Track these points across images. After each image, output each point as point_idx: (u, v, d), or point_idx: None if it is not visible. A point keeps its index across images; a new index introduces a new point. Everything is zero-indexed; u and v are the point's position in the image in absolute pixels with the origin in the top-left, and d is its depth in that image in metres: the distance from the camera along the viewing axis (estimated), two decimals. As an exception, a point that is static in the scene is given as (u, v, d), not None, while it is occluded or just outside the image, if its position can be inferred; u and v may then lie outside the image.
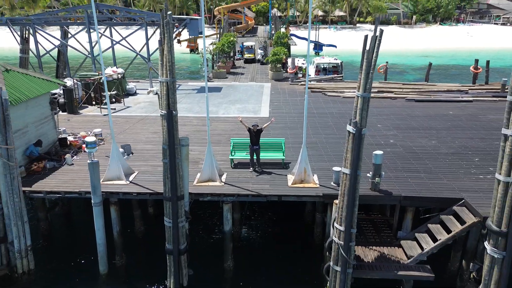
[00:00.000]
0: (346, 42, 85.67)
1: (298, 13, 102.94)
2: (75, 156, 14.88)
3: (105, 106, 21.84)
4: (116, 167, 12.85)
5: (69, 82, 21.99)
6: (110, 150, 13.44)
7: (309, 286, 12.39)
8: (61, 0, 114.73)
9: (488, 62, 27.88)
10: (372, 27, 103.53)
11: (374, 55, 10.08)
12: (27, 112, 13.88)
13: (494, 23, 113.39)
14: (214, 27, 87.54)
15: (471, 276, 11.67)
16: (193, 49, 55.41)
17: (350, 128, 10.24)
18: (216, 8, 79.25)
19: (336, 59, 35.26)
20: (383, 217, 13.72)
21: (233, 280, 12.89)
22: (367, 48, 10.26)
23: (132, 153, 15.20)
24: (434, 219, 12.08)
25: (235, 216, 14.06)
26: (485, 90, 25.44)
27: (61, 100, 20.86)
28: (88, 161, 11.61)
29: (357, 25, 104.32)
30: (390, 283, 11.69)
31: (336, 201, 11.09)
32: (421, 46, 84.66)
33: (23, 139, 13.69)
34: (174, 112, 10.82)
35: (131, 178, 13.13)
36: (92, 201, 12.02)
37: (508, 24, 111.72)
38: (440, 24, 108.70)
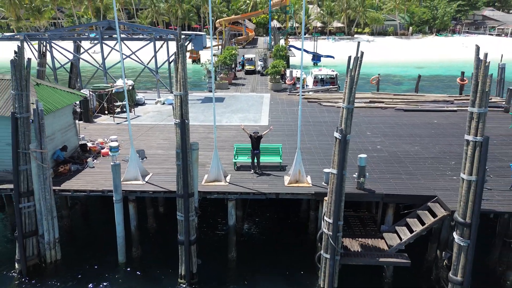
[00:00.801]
0: (344, 53, 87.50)
1: (297, 24, 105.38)
2: (95, 160, 16.69)
3: (118, 116, 23.75)
4: (134, 169, 14.65)
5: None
6: (125, 155, 15.23)
7: (304, 274, 14.09)
8: (66, 12, 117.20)
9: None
10: (370, 37, 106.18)
11: (356, 73, 11.89)
12: (55, 121, 15.69)
13: (489, 34, 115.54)
14: (216, 38, 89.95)
15: (444, 263, 13.40)
16: (195, 59, 57.41)
17: (336, 134, 12.06)
18: (218, 20, 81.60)
19: (333, 71, 37.17)
20: (369, 213, 15.51)
21: (236, 269, 14.62)
22: (350, 67, 12.08)
23: (146, 157, 16.99)
24: (412, 214, 13.85)
25: (238, 214, 15.77)
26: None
27: (78, 109, 22.69)
28: (111, 163, 13.41)
29: (355, 36, 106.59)
30: (374, 269, 13.44)
31: (326, 198, 12.86)
32: (417, 57, 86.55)
33: (51, 145, 15.48)
34: (186, 121, 12.65)
35: (146, 179, 14.92)
36: (113, 198, 13.80)
37: (503, 35, 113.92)
38: (436, 35, 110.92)
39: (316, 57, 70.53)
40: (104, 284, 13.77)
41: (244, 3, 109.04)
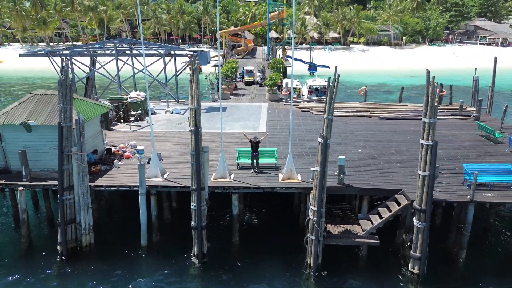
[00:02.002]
0: (339, 62, 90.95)
1: (295, 35, 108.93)
2: (119, 162, 19.78)
3: (133, 124, 26.86)
4: (154, 168, 17.75)
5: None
6: (145, 157, 18.39)
7: (295, 254, 17.07)
8: (70, 22, 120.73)
9: (451, 86, 33.12)
10: (365, 47, 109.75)
11: (334, 91, 15.01)
12: (87, 129, 18.72)
13: (480, 44, 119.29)
14: (216, 48, 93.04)
15: (408, 244, 16.46)
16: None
17: (319, 139, 15.18)
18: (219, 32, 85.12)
19: (327, 81, 40.31)
20: (350, 205, 18.61)
21: (239, 250, 17.66)
22: (330, 85, 15.23)
23: (162, 159, 20.06)
24: (382, 204, 16.95)
25: (240, 206, 18.76)
26: (447, 110, 30.51)
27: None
28: (138, 163, 16.51)
29: (351, 45, 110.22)
30: (351, 249, 16.52)
31: (312, 191, 15.95)
32: (409, 66, 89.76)
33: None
34: (199, 128, 15.76)
35: (165, 177, 18.01)
36: (139, 192, 16.87)
37: (494, 44, 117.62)
38: (429, 44, 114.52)
39: (312, 67, 73.73)
40: (130, 263, 16.79)
41: (243, 14, 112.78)
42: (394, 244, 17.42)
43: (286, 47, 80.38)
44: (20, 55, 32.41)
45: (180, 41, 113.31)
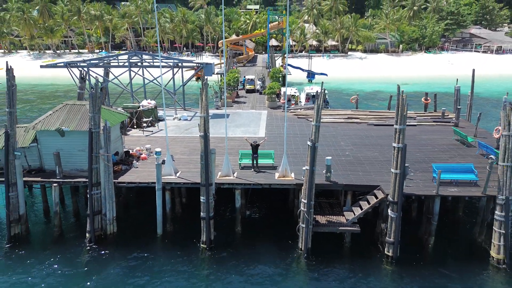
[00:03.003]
0: (337, 70, 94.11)
1: (294, 43, 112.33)
2: (137, 162, 22.74)
3: (145, 130, 29.83)
4: (169, 167, 20.70)
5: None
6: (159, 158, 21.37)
7: (289, 241, 19.92)
8: (76, 31, 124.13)
9: (435, 95, 36.14)
10: (363, 54, 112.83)
11: (320, 102, 17.95)
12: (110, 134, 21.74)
13: (476, 51, 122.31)
14: (218, 56, 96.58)
15: (385, 232, 19.33)
16: (199, 77, 63.74)
17: (309, 142, 18.13)
18: (220, 41, 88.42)
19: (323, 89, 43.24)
20: (336, 200, 21.52)
21: (241, 238, 20.55)
22: (318, 96, 18.19)
23: (174, 160, 22.99)
24: (363, 198, 19.87)
25: (242, 200, 21.67)
26: (430, 117, 33.46)
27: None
28: (155, 163, 19.47)
29: (349, 53, 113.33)
30: (337, 236, 19.43)
31: (303, 187, 18.86)
32: (405, 73, 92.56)
33: (108, 151, 21.54)
34: (208, 133, 18.72)
35: (177, 175, 20.96)
36: (156, 188, 19.81)
37: (489, 52, 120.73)
38: (425, 52, 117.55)
39: (311, 75, 76.73)
40: (148, 248, 19.68)
41: (244, 23, 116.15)
42: (374, 232, 20.33)
43: (285, 55, 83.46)
44: (41, 66, 35.44)
45: (185, 49, 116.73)
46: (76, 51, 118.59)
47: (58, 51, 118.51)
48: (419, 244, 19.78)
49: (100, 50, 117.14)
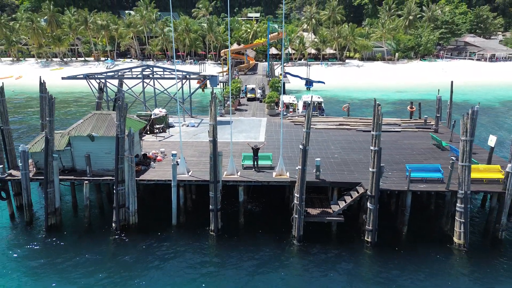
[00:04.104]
0: (335, 77, 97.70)
1: (293, 51, 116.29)
2: (154, 163, 26.33)
3: (158, 135, 33.42)
4: (182, 167, 24.29)
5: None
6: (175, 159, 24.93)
7: (285, 230, 23.43)
8: (82, 39, 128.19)
9: (420, 104, 39.80)
10: (360, 62, 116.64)
11: (310, 112, 21.54)
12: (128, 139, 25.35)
13: (470, 59, 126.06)
14: (220, 64, 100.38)
15: (365, 221, 22.85)
16: (203, 88, 67.47)
17: (300, 146, 21.71)
18: (223, 51, 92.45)
19: (319, 97, 46.81)
20: (325, 195, 25.06)
21: (244, 227, 24.09)
22: (307, 108, 21.80)
23: (186, 162, 26.56)
24: (347, 193, 23.43)
25: (244, 196, 25.22)
26: (413, 123, 37.06)
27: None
28: (172, 163, 23.06)
29: (346, 61, 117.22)
30: (325, 225, 22.97)
31: (296, 184, 22.41)
32: (400, 81, 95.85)
33: (129, 153, 25.12)
34: (216, 139, 22.32)
35: (189, 173, 24.54)
36: (172, 184, 23.39)
37: (482, 59, 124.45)
38: (420, 60, 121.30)
39: (309, 83, 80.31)
40: (165, 236, 23.21)
41: (245, 32, 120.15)
42: (356, 222, 23.87)
43: (284, 65, 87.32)
44: (63, 78, 39.14)
45: (188, 57, 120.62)
46: (83, 59, 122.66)
47: (65, 59, 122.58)
48: (394, 232, 23.32)
49: (106, 58, 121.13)
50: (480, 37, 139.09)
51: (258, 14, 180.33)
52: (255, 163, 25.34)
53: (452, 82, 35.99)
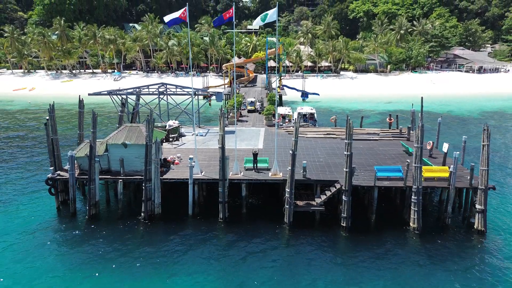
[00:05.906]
0: (330, 89, 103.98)
1: (291, 64, 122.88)
2: (173, 165, 32.46)
3: (172, 143, 39.58)
4: (197, 168, 30.42)
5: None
6: (187, 164, 31.09)
7: (278, 217, 29.46)
8: (90, 52, 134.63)
9: (397, 116, 46.07)
10: (354, 74, 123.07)
11: (298, 124, 27.72)
12: (155, 146, 31.43)
13: (458, 71, 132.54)
14: (222, 76, 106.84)
15: (341, 210, 28.89)
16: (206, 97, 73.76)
17: (290, 151, 27.85)
18: (224, 65, 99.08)
19: (312, 109, 53.04)
20: (311, 191, 31.16)
21: (246, 216, 30.15)
22: (298, 120, 28.03)
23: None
24: (328, 189, 29.54)
25: (246, 192, 31.20)
26: (390, 133, 43.25)
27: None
28: (188, 165, 29.19)
29: (341, 73, 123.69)
30: (310, 215, 29.09)
31: (287, 181, 28.50)
32: (392, 92, 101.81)
33: (154, 158, 31.24)
34: (224, 146, 28.46)
35: (202, 173, 30.66)
36: (189, 182, 29.47)
37: (471, 71, 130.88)
38: (411, 72, 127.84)
39: (304, 94, 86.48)
40: (183, 223, 29.23)
41: (245, 45, 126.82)
42: (336, 212, 29.96)
43: (282, 77, 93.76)
44: (89, 94, 45.40)
45: (192, 69, 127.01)
46: (91, 71, 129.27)
47: (74, 71, 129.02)
48: (365, 220, 29.40)
49: (113, 70, 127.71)
50: (469, 49, 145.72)
51: (257, 27, 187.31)
52: (255, 165, 31.46)
53: (422, 98, 42.15)
